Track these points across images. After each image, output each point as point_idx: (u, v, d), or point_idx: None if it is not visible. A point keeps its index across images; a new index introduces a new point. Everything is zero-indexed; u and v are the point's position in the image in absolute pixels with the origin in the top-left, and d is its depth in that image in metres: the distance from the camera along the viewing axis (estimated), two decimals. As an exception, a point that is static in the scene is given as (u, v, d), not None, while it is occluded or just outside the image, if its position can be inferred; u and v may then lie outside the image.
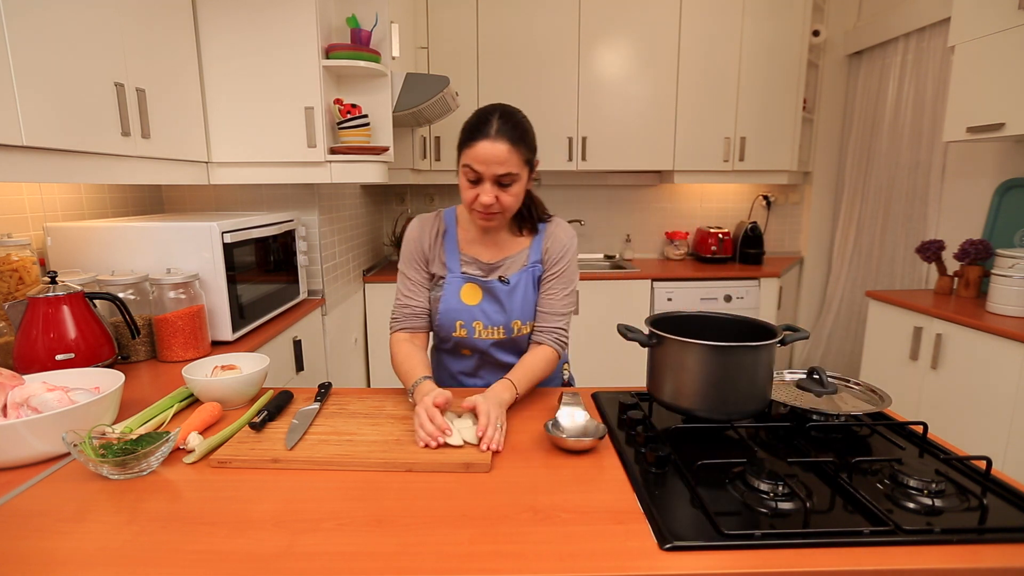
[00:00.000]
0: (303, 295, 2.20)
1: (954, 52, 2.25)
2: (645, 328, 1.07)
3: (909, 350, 2.26)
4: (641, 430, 0.99)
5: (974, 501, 0.78)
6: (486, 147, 1.09)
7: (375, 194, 3.37)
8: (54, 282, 1.27)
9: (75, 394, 1.00)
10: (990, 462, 0.85)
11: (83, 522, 0.75)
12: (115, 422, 1.02)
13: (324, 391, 1.18)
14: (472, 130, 1.12)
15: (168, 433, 0.91)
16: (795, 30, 3.13)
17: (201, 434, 0.98)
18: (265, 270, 1.88)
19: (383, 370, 3.07)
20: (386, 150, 2.06)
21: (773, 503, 0.78)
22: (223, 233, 1.59)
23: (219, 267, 1.59)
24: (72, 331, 1.26)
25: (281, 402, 1.11)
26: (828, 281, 3.62)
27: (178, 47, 1.75)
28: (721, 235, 3.37)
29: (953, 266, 2.52)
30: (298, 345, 2.03)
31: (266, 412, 1.04)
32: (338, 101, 2.00)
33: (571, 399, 1.07)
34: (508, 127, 1.11)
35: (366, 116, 2.01)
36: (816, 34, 3.25)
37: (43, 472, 0.89)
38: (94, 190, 1.85)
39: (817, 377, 1.06)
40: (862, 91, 3.28)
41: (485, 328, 1.24)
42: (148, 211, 2.15)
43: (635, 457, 0.93)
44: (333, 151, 1.99)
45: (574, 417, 1.01)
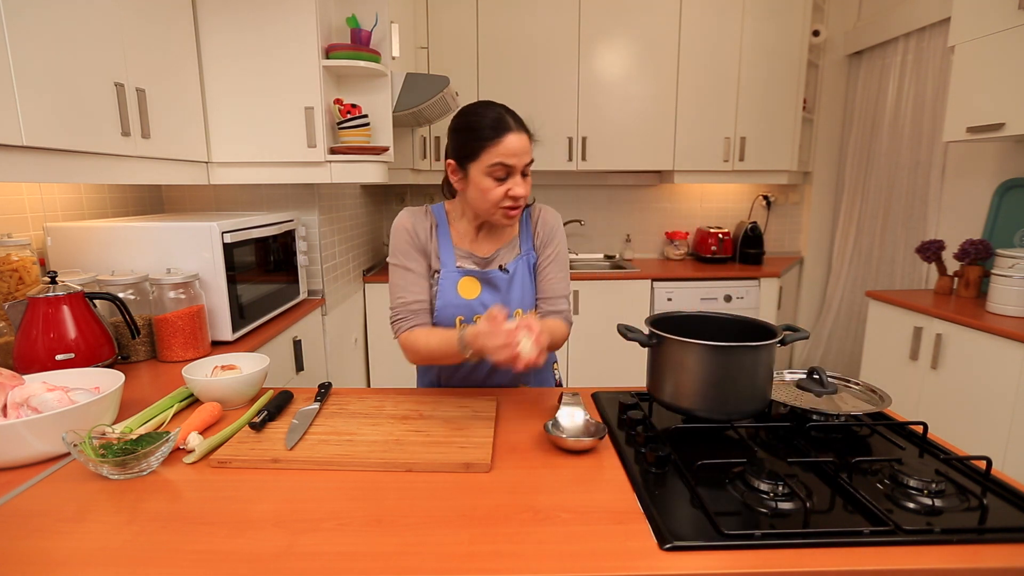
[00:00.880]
0: (303, 295, 2.20)
1: (954, 52, 2.25)
2: (645, 328, 1.07)
3: (909, 350, 2.26)
4: (641, 430, 0.99)
5: (974, 501, 0.78)
6: (514, 140, 1.11)
7: (375, 194, 3.37)
8: (54, 282, 1.27)
9: (75, 394, 1.00)
10: (990, 462, 0.85)
11: (83, 522, 0.75)
12: (115, 422, 1.02)
13: (324, 391, 1.18)
14: (487, 128, 1.11)
15: (168, 433, 0.91)
16: (795, 30, 3.13)
17: (201, 434, 0.98)
18: (265, 270, 1.88)
19: (383, 370, 3.07)
20: (386, 150, 2.06)
21: (773, 503, 0.78)
22: (223, 233, 1.59)
23: (219, 267, 1.59)
24: (72, 331, 1.26)
25: (281, 402, 1.11)
26: (828, 281, 3.62)
27: (178, 47, 1.75)
28: (721, 235, 3.37)
29: (953, 266, 2.52)
30: (298, 345, 2.03)
31: (266, 412, 1.04)
32: (338, 101, 2.00)
33: (571, 399, 1.07)
34: (518, 117, 1.15)
35: (366, 116, 2.01)
36: (816, 34, 3.25)
37: (43, 472, 0.89)
38: (94, 190, 1.85)
39: (817, 377, 1.06)
40: (862, 91, 3.28)
41: None
42: (148, 211, 2.15)
43: (635, 457, 0.93)
44: (333, 151, 1.99)
45: (574, 417, 1.01)
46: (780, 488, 0.79)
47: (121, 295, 1.41)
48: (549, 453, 0.95)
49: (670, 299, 3.06)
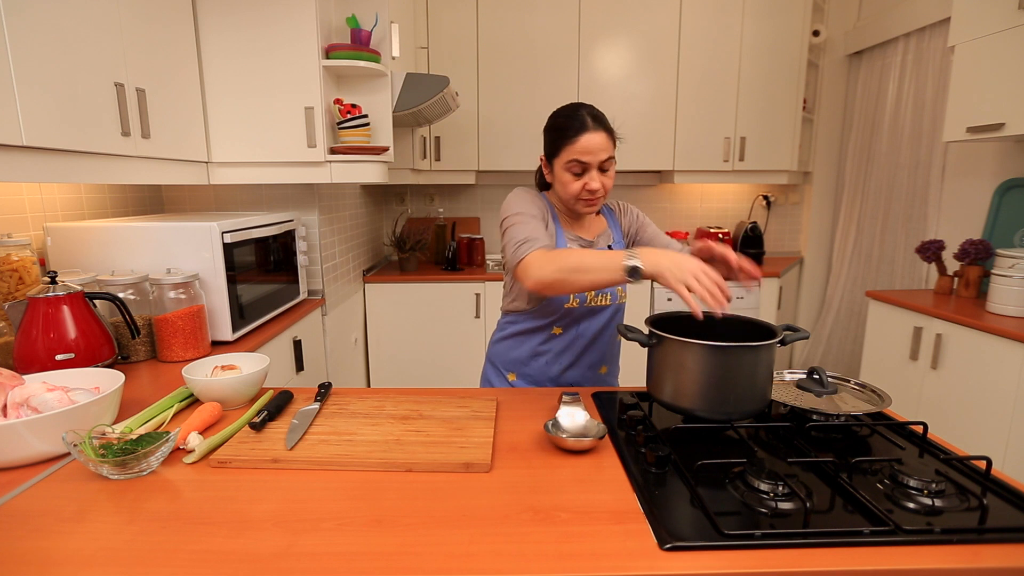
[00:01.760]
0: (303, 295, 2.20)
1: (954, 52, 2.25)
2: (645, 328, 1.07)
3: (909, 350, 2.26)
4: (641, 430, 0.99)
5: (974, 501, 0.78)
6: (590, 138, 1.20)
7: (375, 194, 3.37)
8: (54, 282, 1.27)
9: (75, 394, 1.00)
10: (990, 462, 0.84)
11: (83, 522, 0.75)
12: (115, 422, 1.02)
13: (324, 391, 1.18)
14: (567, 128, 1.21)
15: (168, 433, 0.91)
16: (795, 30, 3.13)
17: (201, 434, 0.98)
18: (265, 270, 1.88)
19: (383, 370, 3.07)
20: (386, 150, 2.06)
21: (773, 503, 0.78)
22: (223, 233, 1.59)
23: (219, 267, 1.59)
24: (72, 331, 1.26)
25: (281, 402, 1.11)
26: (828, 281, 3.62)
27: (178, 47, 1.75)
28: (721, 235, 3.37)
29: (953, 266, 2.52)
30: (298, 345, 2.03)
31: (266, 412, 1.04)
32: (338, 101, 2.00)
33: (571, 399, 1.07)
34: (597, 117, 1.23)
35: (366, 116, 2.01)
36: (816, 34, 3.25)
37: (43, 472, 0.89)
38: (94, 190, 1.85)
39: (817, 377, 1.06)
40: (862, 91, 3.28)
41: (596, 296, 1.31)
42: (148, 211, 2.15)
43: (635, 457, 0.93)
44: (333, 151, 2.00)
45: (574, 417, 1.01)
46: (780, 488, 0.79)
47: (121, 295, 1.41)
48: (549, 453, 0.95)
49: (670, 299, 3.06)
